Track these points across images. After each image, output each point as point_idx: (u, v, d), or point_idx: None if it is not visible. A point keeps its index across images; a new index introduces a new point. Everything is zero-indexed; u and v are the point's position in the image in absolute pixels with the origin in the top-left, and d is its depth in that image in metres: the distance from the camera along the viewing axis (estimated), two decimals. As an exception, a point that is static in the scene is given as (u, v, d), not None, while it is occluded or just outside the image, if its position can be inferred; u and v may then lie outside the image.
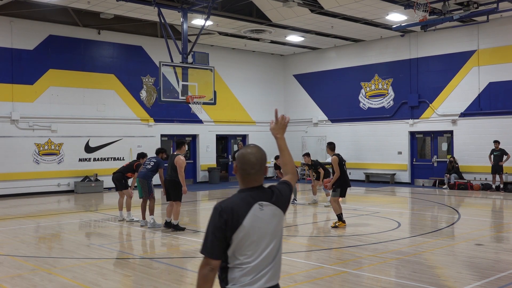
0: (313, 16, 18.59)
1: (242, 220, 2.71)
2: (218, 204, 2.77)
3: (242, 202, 2.77)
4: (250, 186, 2.86)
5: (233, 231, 2.70)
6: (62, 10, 18.76)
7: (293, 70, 26.24)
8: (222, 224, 2.69)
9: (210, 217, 2.75)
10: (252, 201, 2.78)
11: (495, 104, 19.26)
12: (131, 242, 10.35)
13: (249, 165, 2.85)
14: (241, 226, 2.70)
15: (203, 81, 15.73)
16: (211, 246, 2.70)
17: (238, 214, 2.72)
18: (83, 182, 19.49)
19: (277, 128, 3.23)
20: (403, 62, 21.94)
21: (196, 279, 2.74)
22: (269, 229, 2.80)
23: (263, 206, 2.79)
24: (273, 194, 2.88)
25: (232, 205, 2.74)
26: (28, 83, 18.68)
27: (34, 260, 8.32)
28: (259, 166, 2.87)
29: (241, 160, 2.88)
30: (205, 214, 14.49)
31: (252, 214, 2.74)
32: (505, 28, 18.96)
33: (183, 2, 16.23)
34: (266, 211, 2.80)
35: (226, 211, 2.71)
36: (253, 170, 2.85)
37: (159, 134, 21.97)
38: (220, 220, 2.70)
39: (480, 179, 19.48)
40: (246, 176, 2.86)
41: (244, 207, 2.75)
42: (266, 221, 2.79)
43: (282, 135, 3.22)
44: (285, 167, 3.21)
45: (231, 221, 2.70)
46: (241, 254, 2.73)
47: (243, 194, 2.83)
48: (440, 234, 10.50)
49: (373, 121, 22.83)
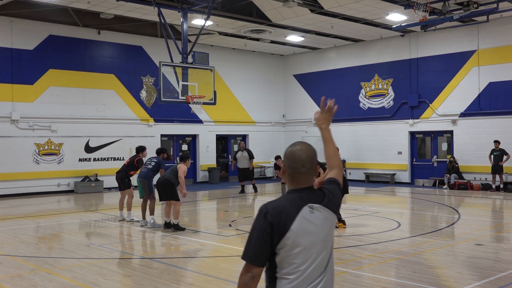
0: (313, 16, 18.59)
1: (290, 223, 2.47)
2: (263, 206, 2.54)
3: (291, 204, 2.53)
4: (299, 186, 2.62)
5: (281, 236, 2.46)
6: (62, 10, 18.76)
7: (293, 70, 26.24)
8: (267, 227, 2.45)
9: (255, 219, 2.51)
10: (302, 203, 2.54)
11: (495, 104, 19.26)
12: (131, 242, 10.36)
13: (300, 163, 2.62)
14: (289, 231, 2.46)
15: (203, 81, 15.74)
16: (254, 252, 2.46)
17: (286, 217, 2.47)
18: (83, 182, 19.50)
19: (322, 118, 2.96)
20: (403, 62, 21.94)
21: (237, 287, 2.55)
22: (321, 235, 2.55)
23: (314, 209, 2.55)
24: (324, 196, 2.64)
25: (280, 207, 2.50)
26: (28, 83, 18.68)
27: (34, 260, 8.32)
28: (310, 164, 2.64)
29: (290, 158, 2.65)
30: (205, 214, 14.49)
31: (301, 218, 2.50)
32: (505, 28, 18.96)
33: (183, 2, 16.23)
34: (317, 215, 2.55)
35: (273, 213, 2.47)
36: (303, 169, 2.62)
37: (159, 134, 21.97)
38: (265, 222, 2.46)
39: (480, 179, 19.48)
40: (295, 176, 2.63)
41: (293, 210, 2.50)
42: (317, 225, 2.54)
43: (327, 125, 2.96)
44: (329, 161, 2.91)
45: (277, 224, 2.45)
46: (289, 263, 2.48)
47: (292, 195, 2.59)
48: (440, 234, 10.50)
49: (373, 121, 22.83)
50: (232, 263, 8.16)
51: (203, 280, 7.08)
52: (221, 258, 8.55)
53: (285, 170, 2.67)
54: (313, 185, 2.66)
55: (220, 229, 11.46)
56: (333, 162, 2.90)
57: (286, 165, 2.66)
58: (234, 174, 24.59)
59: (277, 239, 2.46)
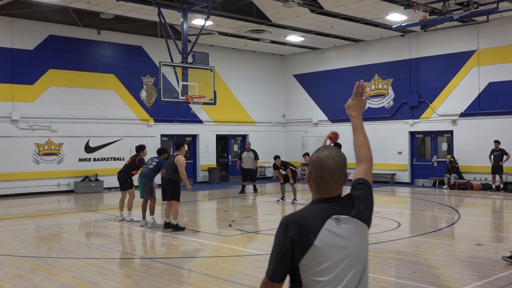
0: (313, 16, 18.59)
1: (314, 238, 2.22)
2: (284, 218, 2.30)
3: (314, 215, 2.27)
4: (325, 196, 2.35)
5: (303, 252, 2.22)
6: (62, 10, 18.76)
7: (293, 70, 26.24)
8: (287, 242, 2.22)
9: (276, 233, 2.29)
10: (327, 214, 2.27)
11: (495, 104, 19.26)
12: (131, 242, 10.36)
13: (328, 172, 2.35)
14: (312, 246, 2.21)
15: (203, 81, 15.74)
16: (274, 268, 2.26)
17: (308, 230, 2.22)
18: (83, 182, 19.50)
19: (353, 104, 2.76)
20: (403, 62, 21.94)
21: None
22: (350, 249, 2.28)
23: (340, 220, 2.28)
24: (353, 205, 2.36)
25: (301, 219, 2.25)
26: (28, 83, 18.68)
27: (34, 260, 8.32)
28: (339, 173, 2.37)
29: (317, 166, 2.37)
30: (205, 214, 14.49)
31: (326, 231, 2.24)
32: (505, 28, 18.96)
33: (183, 2, 16.23)
34: (345, 227, 2.28)
35: (293, 226, 2.23)
36: (331, 178, 2.34)
37: (159, 134, 21.97)
38: (285, 237, 2.23)
39: (480, 179, 19.48)
40: (322, 186, 2.36)
41: (316, 222, 2.25)
42: (346, 238, 2.28)
43: (359, 113, 2.73)
44: (358, 151, 2.63)
45: (299, 239, 2.21)
46: (315, 281, 2.24)
47: (316, 206, 2.33)
48: (440, 234, 10.50)
49: (373, 121, 22.82)
50: (232, 263, 8.16)
51: (203, 280, 7.08)
52: (221, 258, 8.55)
53: (310, 178, 2.41)
54: (341, 194, 2.39)
55: (220, 229, 11.46)
56: (363, 153, 2.62)
57: (313, 173, 2.38)
58: (234, 174, 24.63)
59: (300, 255, 2.23)
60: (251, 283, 6.79)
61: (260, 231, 11.17)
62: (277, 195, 16.92)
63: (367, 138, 2.68)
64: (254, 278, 7.05)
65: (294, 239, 2.21)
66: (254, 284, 6.72)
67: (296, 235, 2.22)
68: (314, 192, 2.40)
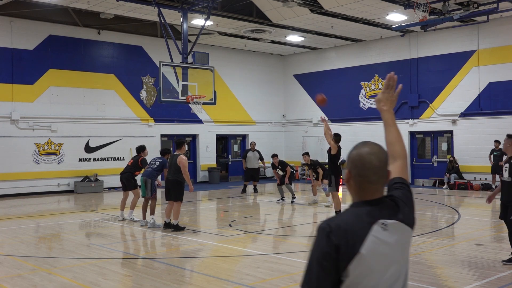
0: (313, 16, 18.59)
1: (360, 245, 1.98)
2: (325, 223, 2.04)
3: (358, 220, 2.04)
4: (368, 198, 2.12)
5: (348, 261, 1.97)
6: (62, 10, 18.76)
7: (293, 70, 26.24)
8: (332, 250, 1.97)
9: (314, 241, 2.05)
10: (371, 219, 2.04)
11: (495, 104, 19.26)
12: (131, 242, 10.36)
13: (371, 170, 2.11)
14: (358, 255, 1.97)
15: (203, 81, 15.75)
16: (316, 280, 1.97)
17: (353, 237, 1.99)
18: (83, 182, 19.49)
19: (384, 98, 2.55)
20: (403, 62, 21.94)
21: None
22: (396, 256, 2.06)
23: (387, 225, 2.04)
24: (398, 208, 2.13)
25: (345, 225, 2.01)
26: (28, 83, 18.68)
27: (34, 260, 8.32)
28: (383, 171, 2.14)
29: (358, 164, 2.13)
30: (205, 214, 14.49)
31: (373, 238, 2.01)
32: (505, 28, 18.96)
33: (183, 2, 16.23)
34: (392, 233, 2.05)
35: (338, 232, 1.99)
36: (375, 177, 2.12)
37: (159, 134, 21.97)
38: (328, 244, 1.98)
39: (480, 179, 19.47)
40: (365, 186, 2.13)
41: (362, 228, 2.02)
42: (392, 246, 2.05)
43: (390, 107, 2.54)
44: (391, 148, 2.43)
45: (344, 246, 1.97)
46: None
47: (358, 209, 2.09)
48: (440, 234, 10.50)
49: (373, 121, 22.81)
50: (232, 263, 8.16)
51: (203, 280, 7.08)
52: (221, 258, 8.55)
53: (350, 178, 2.16)
54: (383, 196, 2.16)
55: (220, 229, 11.46)
56: (396, 150, 2.41)
57: (353, 172, 2.14)
58: (234, 174, 24.64)
59: (344, 264, 1.97)
60: (251, 283, 6.79)
61: (260, 231, 11.17)
62: (277, 195, 16.91)
63: (400, 134, 2.52)
64: (254, 278, 7.05)
65: (339, 245, 1.97)
66: (254, 284, 6.72)
67: (341, 241, 1.97)
68: (355, 193, 2.17)
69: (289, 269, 7.53)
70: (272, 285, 6.69)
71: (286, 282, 6.82)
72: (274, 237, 10.58)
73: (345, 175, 2.20)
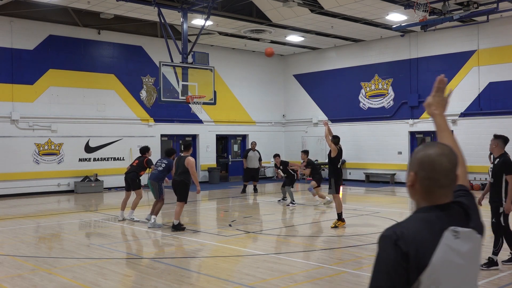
0: (313, 16, 18.59)
1: (430, 255, 1.77)
2: (390, 231, 1.84)
3: (427, 228, 1.84)
4: (436, 203, 1.92)
5: (418, 273, 1.77)
6: (62, 10, 18.76)
7: (293, 70, 26.24)
8: (401, 260, 1.76)
9: (379, 250, 1.83)
10: (442, 225, 1.84)
11: (495, 104, 19.26)
12: (131, 242, 10.36)
13: (442, 173, 1.92)
14: (430, 266, 1.76)
15: (203, 81, 15.74)
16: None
17: (423, 245, 1.79)
18: (83, 182, 19.49)
19: (435, 102, 2.38)
20: (403, 62, 21.94)
21: None
22: (470, 269, 1.87)
23: (459, 233, 1.83)
24: (468, 214, 1.96)
25: (413, 232, 1.81)
26: (28, 83, 18.68)
27: (34, 260, 8.32)
28: (453, 174, 1.95)
29: (427, 166, 1.93)
30: (205, 214, 14.49)
31: (445, 246, 1.80)
32: (505, 28, 18.96)
33: (183, 2, 16.23)
34: (464, 241, 1.84)
35: (406, 239, 1.78)
36: (446, 180, 1.92)
37: (159, 134, 21.97)
38: (397, 253, 1.77)
39: (480, 179, 19.48)
40: (434, 190, 1.93)
41: (431, 236, 1.81)
42: (465, 256, 1.84)
43: (441, 111, 2.38)
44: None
45: (414, 255, 1.77)
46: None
47: (426, 215, 1.89)
48: (440, 234, 10.48)
49: (373, 121, 22.83)
50: (232, 263, 8.16)
51: (203, 280, 7.08)
52: (221, 258, 8.55)
53: (415, 181, 1.95)
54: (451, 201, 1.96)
55: (220, 229, 11.46)
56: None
57: (421, 175, 1.93)
58: (234, 174, 24.63)
59: (414, 275, 1.77)
60: (251, 283, 6.79)
61: (260, 231, 11.17)
62: (276, 195, 16.91)
63: (455, 139, 2.38)
64: (254, 278, 7.05)
65: (408, 254, 1.77)
66: (254, 284, 6.72)
67: (410, 250, 1.77)
68: (421, 198, 1.96)
69: (289, 269, 7.53)
70: (272, 285, 6.69)
71: (286, 282, 6.82)
72: (274, 237, 10.58)
73: (409, 178, 1.98)
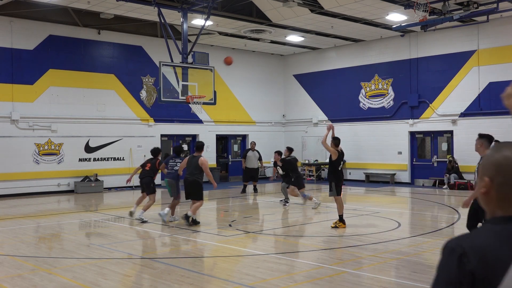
0: (313, 16, 18.59)
1: (503, 273, 1.52)
2: (454, 242, 1.62)
3: (501, 242, 1.59)
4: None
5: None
6: (62, 10, 18.76)
7: (293, 70, 26.24)
8: (465, 279, 1.55)
9: (440, 263, 1.63)
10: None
11: (495, 104, 19.25)
12: (131, 242, 10.35)
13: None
14: (501, 286, 1.51)
15: (203, 81, 15.74)
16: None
17: (495, 263, 1.55)
18: (83, 182, 19.49)
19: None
20: (403, 62, 21.94)
21: None
22: None
23: None
24: None
25: (484, 247, 1.58)
26: (28, 83, 18.68)
27: (34, 260, 8.32)
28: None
29: (507, 169, 1.65)
30: (205, 214, 14.48)
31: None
32: (505, 28, 18.96)
33: (183, 2, 16.23)
34: None
35: (473, 256, 1.56)
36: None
37: (159, 134, 21.97)
38: (459, 271, 1.56)
39: (480, 179, 19.46)
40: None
41: (506, 252, 1.56)
42: None
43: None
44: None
45: (482, 275, 1.54)
46: None
47: (501, 227, 1.63)
48: (440, 234, 10.50)
49: (373, 121, 22.83)
50: (232, 263, 8.16)
51: (203, 280, 7.08)
52: (221, 258, 8.55)
53: (491, 187, 1.68)
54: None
55: (220, 229, 11.47)
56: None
57: (498, 180, 1.67)
58: (234, 174, 24.62)
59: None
60: (251, 283, 6.79)
61: (260, 231, 11.17)
62: (276, 195, 16.91)
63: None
64: (254, 278, 7.05)
65: (475, 273, 1.55)
66: (254, 284, 6.72)
67: (478, 268, 1.55)
68: (497, 206, 1.69)
69: (289, 269, 7.53)
70: (272, 285, 6.69)
71: (286, 282, 6.82)
72: (274, 237, 10.58)
73: (483, 184, 1.72)
